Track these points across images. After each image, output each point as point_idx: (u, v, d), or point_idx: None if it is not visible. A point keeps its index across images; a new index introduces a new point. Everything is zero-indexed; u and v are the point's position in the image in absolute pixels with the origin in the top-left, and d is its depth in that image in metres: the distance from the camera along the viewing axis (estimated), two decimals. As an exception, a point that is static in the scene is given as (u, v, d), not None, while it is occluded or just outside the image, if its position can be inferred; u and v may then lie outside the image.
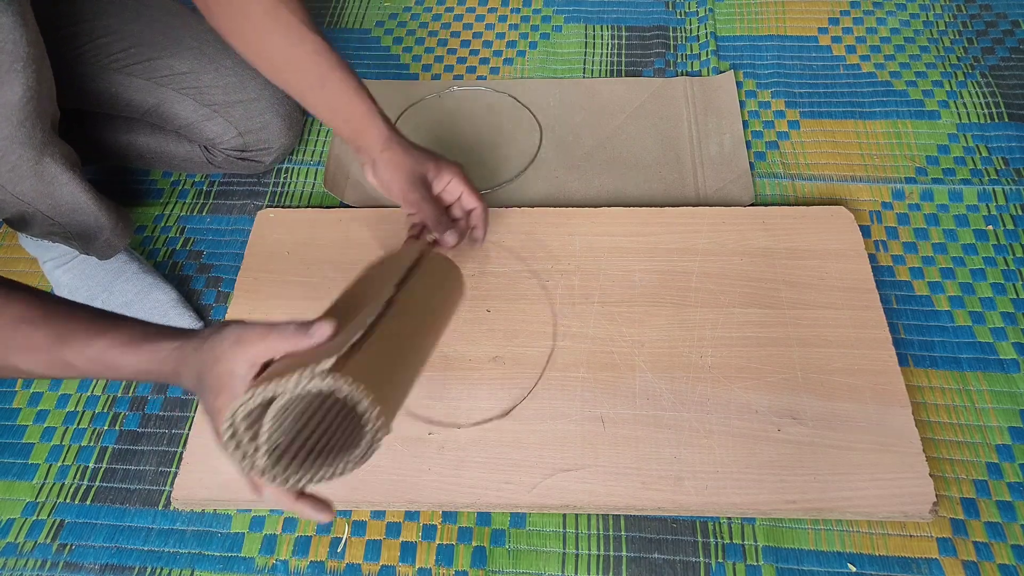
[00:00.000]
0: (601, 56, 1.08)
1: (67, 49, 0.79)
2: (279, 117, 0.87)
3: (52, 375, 0.54)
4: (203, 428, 0.74)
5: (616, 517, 0.70)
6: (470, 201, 0.75)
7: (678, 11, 1.13)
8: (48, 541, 0.72)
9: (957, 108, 0.98)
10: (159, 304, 0.82)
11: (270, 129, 0.88)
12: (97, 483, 0.75)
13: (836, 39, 1.08)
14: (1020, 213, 0.88)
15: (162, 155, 0.94)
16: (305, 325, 0.50)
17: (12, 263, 0.93)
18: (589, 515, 0.70)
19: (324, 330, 0.49)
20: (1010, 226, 0.87)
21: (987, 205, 0.89)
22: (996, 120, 0.96)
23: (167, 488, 0.74)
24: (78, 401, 0.80)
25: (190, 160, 0.94)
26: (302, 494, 0.52)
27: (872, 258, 0.84)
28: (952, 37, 1.06)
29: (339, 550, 0.70)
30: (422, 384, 0.74)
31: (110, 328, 0.53)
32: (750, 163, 0.94)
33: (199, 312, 0.85)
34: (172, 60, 0.82)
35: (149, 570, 0.70)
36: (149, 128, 0.92)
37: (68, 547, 0.71)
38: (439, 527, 0.70)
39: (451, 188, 0.74)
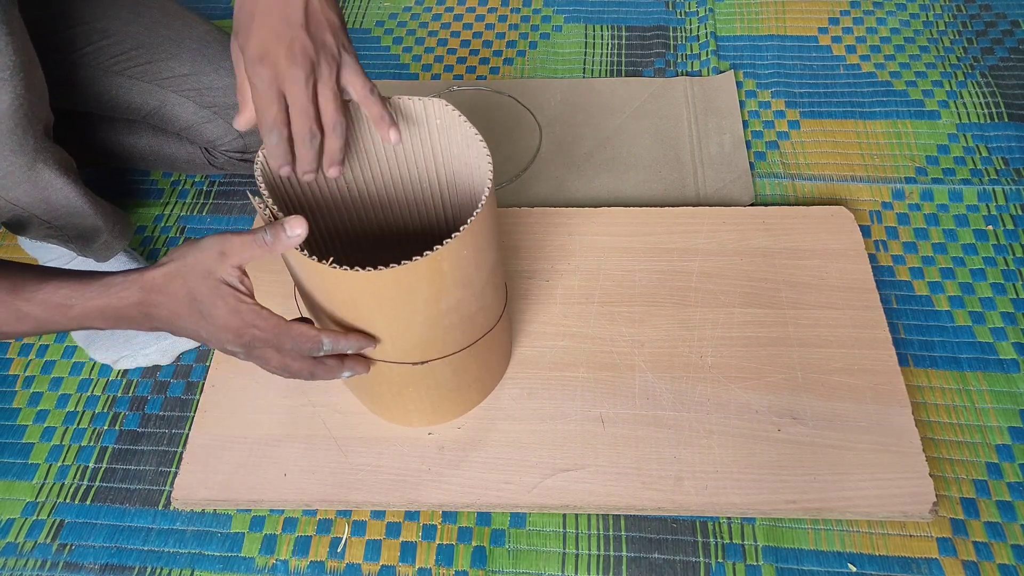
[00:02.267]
0: (601, 56, 1.08)
1: (67, 52, 0.79)
2: None
3: (10, 329, 0.54)
4: (203, 428, 0.74)
5: (616, 517, 0.70)
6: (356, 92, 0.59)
7: (678, 11, 1.13)
8: (48, 541, 0.72)
9: (957, 108, 0.98)
10: None
11: None
12: (97, 483, 0.75)
13: (836, 39, 1.08)
14: (1020, 213, 0.88)
15: (164, 157, 0.94)
16: (278, 225, 0.50)
17: (12, 263, 0.93)
18: (589, 515, 0.70)
19: (297, 227, 0.50)
20: (1010, 226, 0.87)
21: (987, 205, 0.89)
22: (996, 120, 0.96)
23: (167, 488, 0.74)
24: (78, 401, 0.80)
25: (191, 162, 0.94)
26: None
27: (872, 258, 0.84)
28: (952, 37, 1.06)
29: (339, 550, 0.70)
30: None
31: (62, 272, 0.54)
32: (750, 163, 0.94)
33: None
34: (172, 62, 0.82)
35: (149, 570, 0.70)
36: (151, 130, 0.92)
37: (68, 547, 0.71)
38: (439, 527, 0.70)
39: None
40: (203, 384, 0.78)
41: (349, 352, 0.57)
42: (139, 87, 0.82)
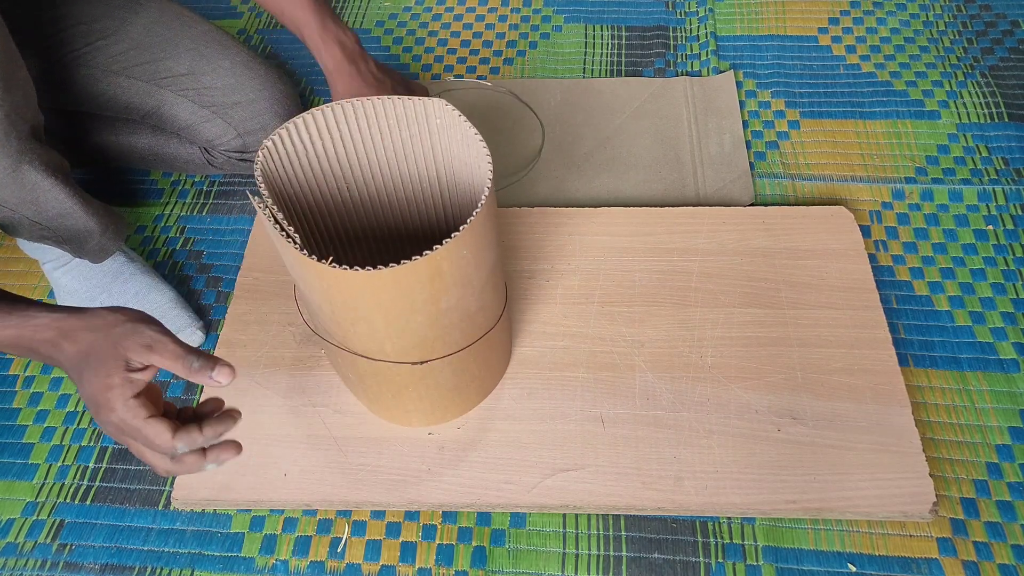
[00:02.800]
0: (601, 56, 1.08)
1: (66, 52, 0.79)
2: (278, 118, 0.87)
3: None
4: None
5: (616, 517, 0.70)
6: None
7: (678, 11, 1.13)
8: (48, 541, 0.72)
9: (957, 108, 0.98)
10: (158, 305, 0.82)
11: (269, 130, 0.88)
12: (97, 483, 0.75)
13: (836, 39, 1.08)
14: (1020, 213, 0.88)
15: (163, 157, 0.94)
16: (208, 365, 0.50)
17: (11, 263, 0.93)
18: (589, 515, 0.70)
19: (223, 377, 0.50)
20: (1010, 226, 0.87)
21: (987, 205, 0.89)
22: (996, 120, 0.96)
23: (167, 488, 0.74)
24: (78, 401, 0.80)
25: (191, 162, 0.94)
26: None
27: (872, 258, 0.84)
28: (952, 37, 1.06)
29: (339, 550, 0.70)
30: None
31: None
32: (750, 163, 0.94)
33: (199, 312, 0.85)
34: (170, 62, 0.82)
35: (149, 570, 0.70)
36: (150, 130, 0.92)
37: (68, 547, 0.71)
38: (439, 527, 0.70)
39: None
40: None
41: (208, 445, 0.52)
42: (137, 87, 0.82)
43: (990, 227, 0.87)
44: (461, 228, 0.51)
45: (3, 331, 0.53)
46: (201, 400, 0.55)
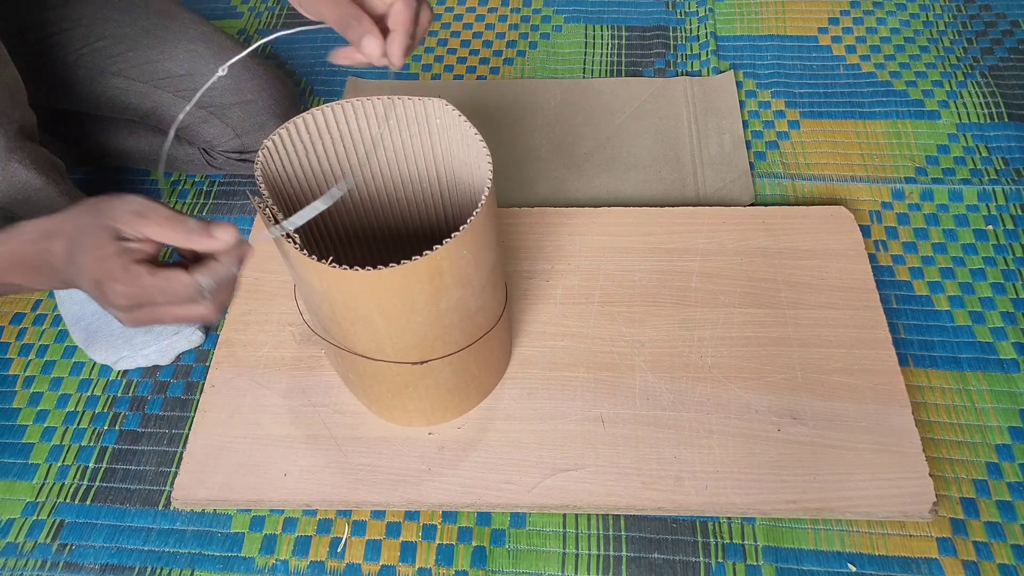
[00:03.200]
0: (601, 56, 1.08)
1: (65, 53, 0.79)
2: (277, 118, 0.87)
3: None
4: (203, 428, 0.74)
5: (616, 517, 0.70)
6: None
7: (678, 11, 1.13)
8: (48, 541, 0.72)
9: (957, 108, 0.98)
10: None
11: (268, 130, 0.88)
12: (97, 483, 0.75)
13: (836, 39, 1.08)
14: (1020, 213, 0.88)
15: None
16: (206, 225, 0.45)
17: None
18: (589, 515, 0.70)
19: (228, 235, 0.46)
20: (1010, 226, 0.87)
21: (987, 205, 0.89)
22: (996, 120, 0.96)
23: (167, 488, 0.74)
24: (78, 401, 0.80)
25: (190, 162, 0.94)
26: None
27: (872, 258, 0.84)
28: (952, 37, 1.06)
29: (339, 550, 0.70)
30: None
31: None
32: (750, 163, 0.94)
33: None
34: (168, 63, 0.82)
35: (149, 570, 0.70)
36: (149, 131, 0.92)
37: (68, 547, 0.71)
38: (439, 527, 0.70)
39: None
40: (203, 384, 0.78)
41: (235, 271, 0.48)
42: (136, 88, 0.82)
43: (990, 227, 0.87)
44: (461, 228, 0.51)
45: None
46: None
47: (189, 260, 0.47)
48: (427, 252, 0.50)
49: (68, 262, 0.46)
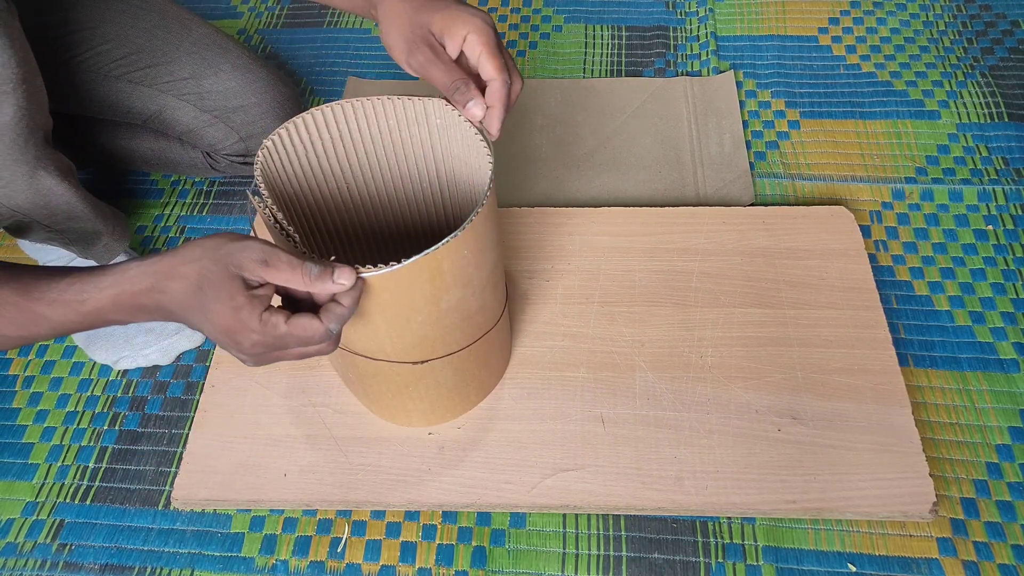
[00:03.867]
0: (601, 56, 1.08)
1: (69, 56, 0.79)
2: (279, 120, 0.87)
3: (25, 333, 0.51)
4: (203, 428, 0.74)
5: (616, 517, 0.70)
6: (487, 70, 0.55)
7: (678, 11, 1.13)
8: (48, 541, 0.72)
9: (957, 108, 0.98)
10: None
11: (271, 132, 0.88)
12: (97, 483, 0.75)
13: (836, 39, 1.08)
14: (1020, 213, 0.88)
15: (165, 161, 0.94)
16: (327, 270, 0.47)
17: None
18: (589, 515, 0.70)
19: (345, 278, 0.48)
20: (1010, 226, 0.87)
21: (987, 205, 0.89)
22: (996, 120, 0.96)
23: (167, 488, 0.74)
24: (78, 401, 0.80)
25: (193, 165, 0.94)
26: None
27: (872, 258, 0.84)
28: (952, 37, 1.06)
29: (339, 550, 0.70)
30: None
31: (73, 269, 0.52)
32: (750, 163, 0.94)
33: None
34: (172, 66, 0.82)
35: (149, 570, 0.70)
36: (152, 134, 0.92)
37: (68, 547, 0.71)
38: (439, 527, 0.70)
39: (469, 48, 0.55)
40: (203, 384, 0.78)
41: (354, 310, 0.50)
42: (139, 92, 0.82)
43: (990, 227, 0.87)
44: (462, 227, 0.51)
45: (102, 293, 0.49)
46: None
47: (281, 292, 0.49)
48: (427, 251, 0.50)
49: (190, 308, 0.48)
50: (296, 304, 0.50)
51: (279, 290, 0.49)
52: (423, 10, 0.56)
